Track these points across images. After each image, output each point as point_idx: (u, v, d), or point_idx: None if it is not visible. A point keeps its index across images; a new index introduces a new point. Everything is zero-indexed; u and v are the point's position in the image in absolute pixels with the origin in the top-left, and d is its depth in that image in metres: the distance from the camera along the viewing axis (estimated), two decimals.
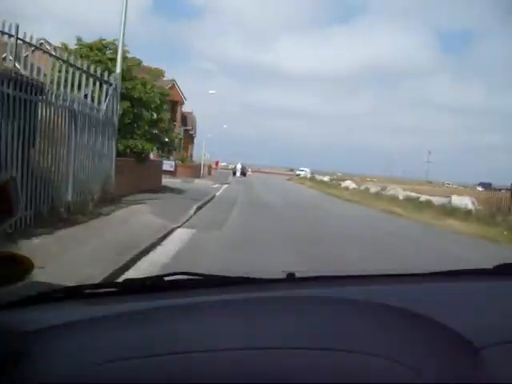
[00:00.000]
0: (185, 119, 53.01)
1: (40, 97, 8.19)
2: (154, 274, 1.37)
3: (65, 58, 10.21)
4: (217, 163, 64.66)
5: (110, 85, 11.96)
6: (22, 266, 0.94)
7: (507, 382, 0.86)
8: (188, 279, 1.29)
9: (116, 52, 13.91)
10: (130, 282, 1.27)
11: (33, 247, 6.39)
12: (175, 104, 48.64)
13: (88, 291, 1.23)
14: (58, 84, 9.81)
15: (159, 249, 7.99)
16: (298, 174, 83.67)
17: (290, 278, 1.35)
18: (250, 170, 77.99)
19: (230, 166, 64.49)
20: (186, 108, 51.92)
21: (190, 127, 57.20)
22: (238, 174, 60.15)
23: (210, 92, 54.85)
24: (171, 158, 31.21)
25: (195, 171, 40.80)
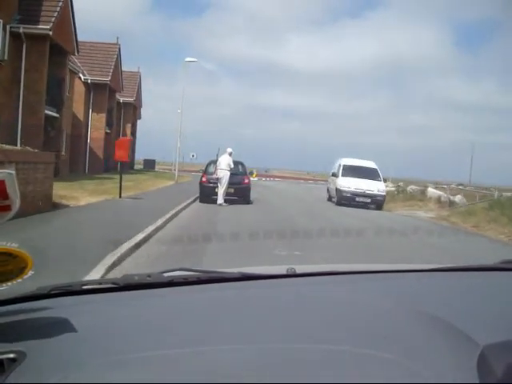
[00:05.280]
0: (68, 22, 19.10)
1: None
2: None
3: None
4: (121, 144, 14.39)
5: None
6: (20, 263, 0.91)
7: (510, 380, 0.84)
8: (187, 275, 1.29)
9: None
10: (129, 278, 1.26)
11: None
12: None
13: (89, 287, 1.22)
14: None
15: None
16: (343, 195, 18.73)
17: (291, 274, 1.34)
18: (254, 172, 42.26)
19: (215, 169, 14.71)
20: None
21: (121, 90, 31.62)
22: (221, 193, 14.30)
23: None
24: None
25: None
